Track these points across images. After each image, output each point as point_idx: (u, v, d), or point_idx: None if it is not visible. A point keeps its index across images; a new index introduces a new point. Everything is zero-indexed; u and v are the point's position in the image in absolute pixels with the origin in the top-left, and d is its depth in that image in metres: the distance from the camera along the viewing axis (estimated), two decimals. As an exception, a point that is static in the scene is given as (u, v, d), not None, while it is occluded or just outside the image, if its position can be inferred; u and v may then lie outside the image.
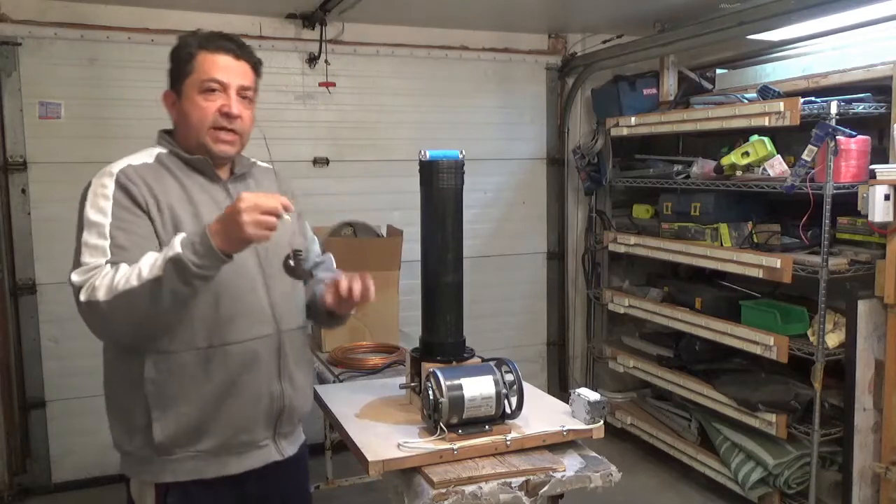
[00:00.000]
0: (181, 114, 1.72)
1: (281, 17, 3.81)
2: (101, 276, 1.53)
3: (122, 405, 1.70)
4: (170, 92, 1.74)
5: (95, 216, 1.60)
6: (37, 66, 3.43)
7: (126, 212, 1.61)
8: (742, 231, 3.38)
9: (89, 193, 1.64)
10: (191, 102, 1.69)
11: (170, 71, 1.74)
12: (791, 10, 2.97)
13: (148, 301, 1.49)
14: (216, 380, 1.66)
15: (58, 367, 3.58)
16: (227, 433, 1.69)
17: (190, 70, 1.69)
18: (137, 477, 1.73)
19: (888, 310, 2.84)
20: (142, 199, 1.62)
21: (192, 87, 1.69)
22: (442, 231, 2.06)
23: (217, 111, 1.68)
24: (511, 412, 1.93)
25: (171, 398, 1.64)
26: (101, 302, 1.50)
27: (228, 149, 1.73)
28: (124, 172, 1.65)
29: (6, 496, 3.50)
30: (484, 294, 4.19)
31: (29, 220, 3.48)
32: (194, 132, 1.70)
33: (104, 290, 1.51)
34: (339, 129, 3.99)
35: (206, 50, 1.69)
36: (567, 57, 4.46)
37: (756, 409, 3.18)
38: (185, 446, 1.67)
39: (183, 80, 1.69)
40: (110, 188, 1.62)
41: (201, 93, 1.68)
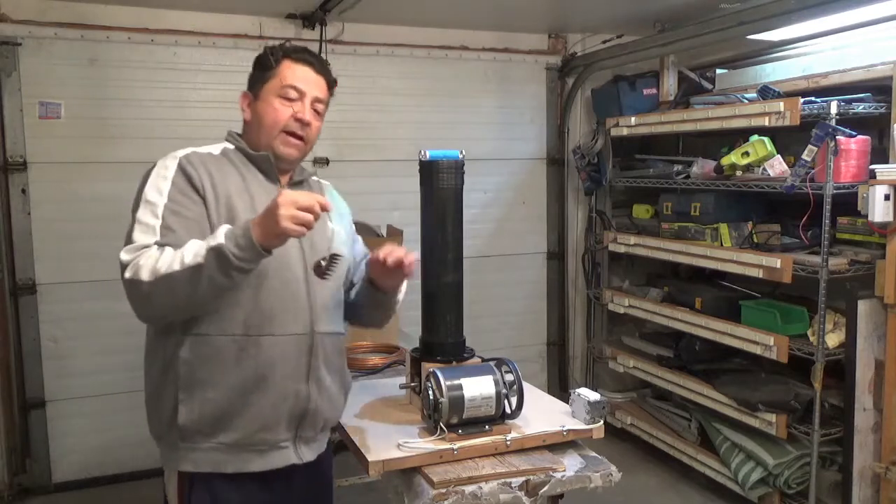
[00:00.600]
0: (255, 114, 1.79)
1: (281, 17, 3.81)
2: (146, 256, 1.56)
3: (156, 387, 1.72)
4: (248, 93, 1.82)
5: (153, 195, 1.64)
6: (37, 66, 3.43)
7: (182, 195, 1.65)
8: (742, 231, 3.38)
9: (152, 173, 1.69)
10: (267, 104, 1.77)
11: (251, 75, 1.83)
12: (791, 10, 2.97)
13: (187, 286, 1.53)
14: (246, 370, 1.67)
15: (58, 367, 3.59)
16: (250, 428, 1.69)
17: (272, 75, 1.77)
18: (166, 465, 1.75)
19: (888, 310, 2.84)
20: (199, 183, 1.67)
21: (270, 91, 1.77)
22: (442, 231, 2.06)
23: (291, 116, 1.77)
24: (511, 412, 1.93)
25: (200, 382, 1.66)
26: (144, 282, 1.53)
27: (294, 153, 1.81)
28: (188, 157, 1.71)
29: (6, 496, 3.50)
30: (484, 294, 4.19)
31: (29, 220, 3.48)
32: (266, 132, 1.77)
33: (147, 270, 1.53)
34: (339, 129, 3.99)
35: (290, 59, 1.79)
36: (567, 57, 4.46)
37: (756, 409, 3.18)
38: (208, 435, 1.68)
39: (263, 84, 1.78)
40: (172, 170, 1.67)
41: (279, 97, 1.77)
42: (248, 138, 1.82)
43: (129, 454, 3.61)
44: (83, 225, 3.56)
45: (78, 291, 3.57)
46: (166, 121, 3.62)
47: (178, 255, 1.54)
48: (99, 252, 3.54)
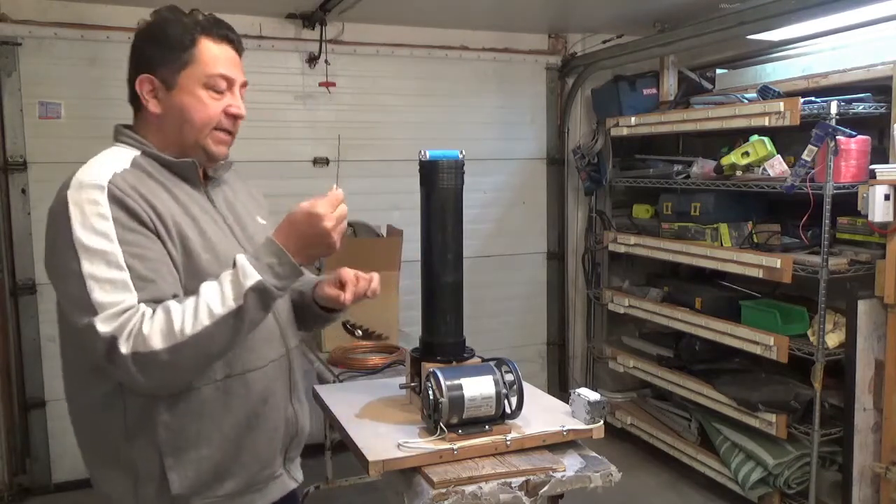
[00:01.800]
0: (173, 108, 1.46)
1: (281, 17, 3.81)
2: (145, 321, 1.29)
3: (126, 458, 1.43)
4: (152, 78, 1.46)
5: (95, 242, 1.31)
6: (37, 66, 3.43)
7: (133, 233, 1.34)
8: (742, 231, 3.38)
9: (73, 212, 1.34)
10: (193, 98, 1.45)
11: (150, 53, 1.46)
12: (791, 10, 2.97)
13: (228, 337, 1.33)
14: (237, 413, 1.48)
15: (58, 367, 3.55)
16: (251, 471, 1.53)
17: (189, 59, 1.45)
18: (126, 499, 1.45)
19: (888, 310, 2.84)
20: (145, 215, 1.37)
21: (192, 81, 1.45)
22: (442, 231, 2.06)
23: (223, 112, 1.49)
24: (511, 412, 1.93)
25: (190, 441, 1.43)
26: (159, 351, 1.27)
27: (225, 150, 1.54)
28: (115, 184, 1.38)
29: (6, 496, 3.50)
30: (484, 294, 4.19)
31: (29, 220, 3.48)
32: (195, 131, 1.47)
33: (159, 336, 1.28)
34: (339, 129, 3.98)
35: (210, 38, 1.49)
36: (567, 57, 4.46)
37: (756, 409, 3.18)
38: (205, 494, 1.47)
39: (179, 70, 1.44)
40: (105, 205, 1.35)
41: (206, 88, 1.46)
42: (157, 137, 1.50)
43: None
44: (83, 225, 3.56)
45: (78, 291, 3.57)
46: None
47: (195, 307, 1.30)
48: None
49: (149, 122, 1.52)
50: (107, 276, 1.30)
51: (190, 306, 1.31)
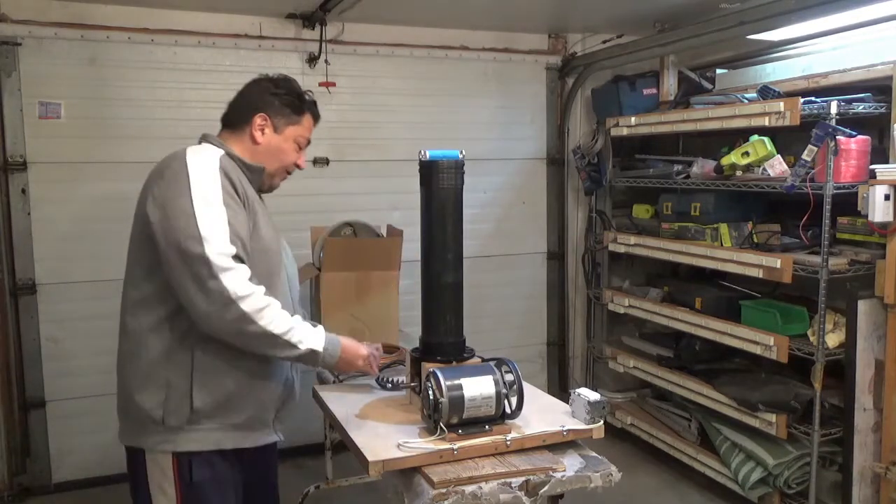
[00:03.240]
0: (270, 144, 1.97)
1: (281, 17, 3.81)
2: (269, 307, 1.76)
3: (163, 376, 1.80)
4: (267, 118, 1.96)
5: (210, 195, 1.75)
6: (37, 66, 3.42)
7: (233, 201, 1.79)
8: (742, 231, 3.38)
9: (193, 172, 1.77)
10: (287, 145, 2.00)
11: (275, 104, 1.97)
12: (791, 10, 2.97)
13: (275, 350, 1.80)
14: (252, 360, 1.85)
15: (58, 367, 3.59)
16: (253, 411, 1.89)
17: (297, 121, 2.01)
18: (157, 448, 1.82)
19: (888, 310, 2.84)
20: (241, 191, 1.83)
21: (292, 135, 2.00)
22: (442, 231, 2.06)
23: (295, 162, 2.04)
24: (511, 412, 1.93)
25: (215, 369, 1.82)
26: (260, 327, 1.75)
27: (278, 186, 2.08)
28: (224, 164, 1.83)
29: (6, 496, 3.50)
30: (484, 294, 4.19)
31: (29, 220, 3.48)
32: (276, 166, 1.99)
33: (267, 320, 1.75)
34: (339, 129, 3.99)
35: (311, 115, 2.07)
36: (567, 57, 4.46)
37: (756, 409, 3.18)
38: (216, 417, 1.83)
39: (288, 124, 1.99)
40: (218, 175, 1.79)
41: (295, 143, 2.02)
42: (246, 152, 1.95)
43: (129, 454, 3.61)
44: (83, 225, 3.56)
45: (78, 291, 3.57)
46: (166, 121, 3.62)
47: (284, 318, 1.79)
48: (99, 252, 3.54)
49: (243, 142, 1.97)
50: (218, 219, 1.73)
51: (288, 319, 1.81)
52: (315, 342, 1.85)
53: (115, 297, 2.16)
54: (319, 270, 3.11)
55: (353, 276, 3.10)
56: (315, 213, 3.68)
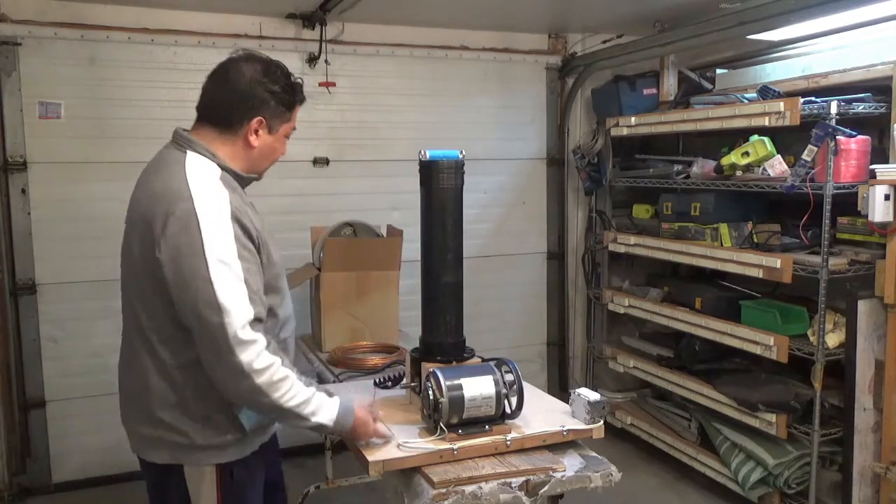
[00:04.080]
0: (266, 146, 1.85)
1: (281, 17, 3.81)
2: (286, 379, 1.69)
3: (200, 407, 1.77)
4: (264, 121, 1.83)
5: (226, 255, 1.65)
6: (37, 66, 3.42)
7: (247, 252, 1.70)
8: (742, 231, 3.38)
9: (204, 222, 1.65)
10: (279, 143, 1.89)
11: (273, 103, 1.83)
12: (791, 10, 2.97)
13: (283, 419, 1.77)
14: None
15: (58, 367, 3.59)
16: None
17: (290, 117, 1.88)
18: (200, 463, 1.80)
19: (888, 310, 2.84)
20: (253, 236, 1.73)
21: (284, 132, 1.88)
22: (442, 231, 2.06)
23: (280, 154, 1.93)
24: (511, 412, 1.93)
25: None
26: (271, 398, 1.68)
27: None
28: (237, 209, 1.71)
29: (6, 496, 3.50)
30: (484, 294, 4.19)
31: (29, 220, 3.48)
32: (266, 163, 1.90)
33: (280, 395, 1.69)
34: (339, 129, 3.99)
35: (299, 104, 1.92)
36: (567, 57, 4.46)
37: (756, 409, 3.18)
38: (262, 426, 1.86)
39: (282, 123, 1.86)
40: (231, 227, 1.68)
41: (286, 137, 1.90)
42: (233, 157, 1.82)
43: (130, 454, 3.59)
44: (83, 225, 3.56)
45: (78, 291, 3.57)
46: (166, 121, 3.58)
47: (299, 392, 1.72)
48: (99, 252, 3.54)
49: (234, 145, 1.83)
50: (235, 285, 1.64)
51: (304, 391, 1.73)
52: (326, 416, 1.77)
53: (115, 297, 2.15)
54: (319, 270, 3.11)
55: (353, 276, 3.10)
56: (315, 213, 3.68)
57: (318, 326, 3.14)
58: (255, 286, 1.69)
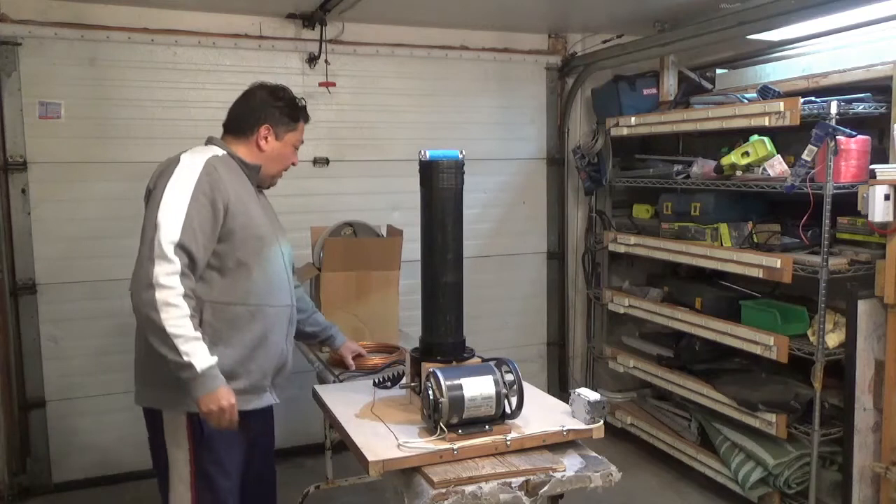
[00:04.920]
0: (272, 149, 2.23)
1: (281, 17, 3.81)
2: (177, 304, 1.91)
3: None
4: (270, 128, 2.22)
5: (182, 187, 1.99)
6: (37, 66, 3.42)
7: (203, 197, 2.00)
8: (742, 231, 3.38)
9: (179, 168, 2.03)
10: (287, 151, 2.27)
11: (277, 114, 2.22)
12: (791, 10, 2.97)
13: (160, 347, 1.92)
14: (256, 331, 2.12)
15: (58, 367, 3.59)
16: (254, 378, 2.13)
17: (294, 128, 2.26)
18: (175, 408, 2.07)
19: (888, 310, 2.84)
20: (218, 190, 2.04)
21: (290, 141, 2.27)
22: (442, 231, 2.06)
23: (291, 162, 2.32)
24: (511, 412, 1.93)
25: (221, 340, 2.05)
26: (159, 324, 1.89)
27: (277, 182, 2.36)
28: (212, 164, 2.07)
29: (6, 496, 3.50)
30: (484, 294, 4.19)
31: (29, 220, 3.47)
32: (276, 168, 2.28)
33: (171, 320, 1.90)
34: (339, 129, 3.99)
35: (304, 121, 2.30)
36: (567, 57, 4.46)
37: (756, 409, 3.18)
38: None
39: (287, 132, 2.24)
40: (199, 172, 2.02)
41: (293, 147, 2.29)
42: (249, 155, 2.21)
43: (129, 454, 3.61)
44: (83, 225, 3.56)
45: (78, 291, 3.57)
46: (166, 121, 3.62)
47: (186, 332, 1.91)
48: (99, 252, 3.54)
49: (249, 148, 2.23)
50: (175, 210, 1.95)
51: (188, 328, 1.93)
52: (201, 362, 1.92)
53: (115, 297, 2.17)
54: (319, 270, 3.11)
55: (354, 276, 3.10)
56: (315, 213, 3.68)
57: (318, 326, 3.14)
58: (197, 224, 1.97)
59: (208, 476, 2.11)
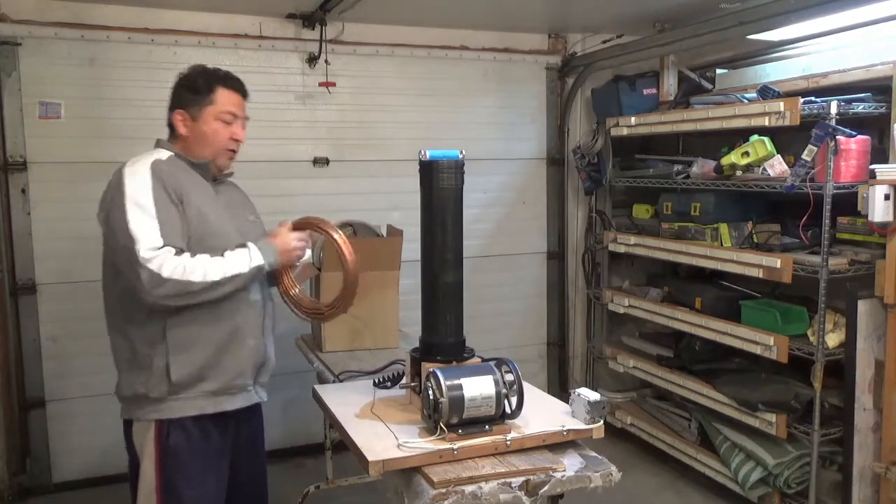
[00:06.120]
0: (196, 133, 2.11)
1: (281, 17, 3.81)
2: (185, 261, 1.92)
3: (143, 352, 2.04)
4: (183, 112, 2.11)
5: (142, 199, 1.95)
6: (37, 66, 3.43)
7: (165, 200, 1.97)
8: (742, 231, 3.38)
9: (127, 180, 1.99)
10: (209, 127, 2.11)
11: (181, 94, 2.12)
12: (791, 10, 2.97)
13: (229, 287, 1.98)
14: (224, 329, 2.06)
15: (58, 367, 3.58)
16: (227, 376, 2.08)
17: (208, 101, 2.10)
18: (144, 417, 2.06)
19: (888, 310, 2.84)
20: (173, 190, 2.00)
21: (210, 115, 2.10)
22: (442, 231, 2.06)
23: (230, 137, 2.14)
24: (511, 412, 1.93)
25: (188, 342, 2.02)
26: (196, 282, 1.92)
27: (230, 164, 2.21)
28: (157, 167, 2.02)
29: (6, 496, 3.50)
30: (484, 294, 4.19)
31: (29, 220, 3.48)
32: (211, 150, 2.12)
33: (198, 273, 1.93)
34: (339, 129, 3.99)
35: (224, 87, 2.12)
36: (567, 57, 4.46)
37: (756, 409, 3.18)
38: (195, 385, 2.04)
39: (201, 107, 2.10)
40: (149, 178, 1.98)
41: (219, 121, 2.11)
42: (187, 149, 2.13)
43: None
44: (83, 225, 3.54)
45: (78, 291, 3.56)
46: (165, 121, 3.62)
47: (221, 265, 1.97)
48: (99, 252, 3.52)
49: (181, 141, 2.14)
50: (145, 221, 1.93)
51: (219, 263, 1.98)
52: (255, 261, 2.01)
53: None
54: (319, 270, 3.10)
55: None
56: (315, 213, 3.66)
57: (319, 326, 3.14)
58: (170, 223, 1.95)
59: (173, 486, 2.06)
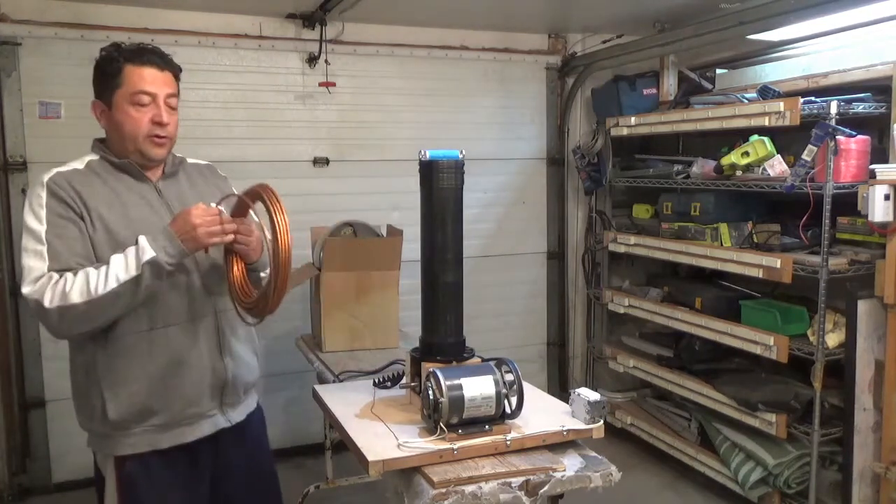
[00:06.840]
0: (113, 123, 1.86)
1: (281, 17, 3.81)
2: (61, 283, 1.71)
3: (81, 387, 1.91)
4: (98, 102, 1.87)
5: (32, 223, 1.79)
6: (37, 66, 3.43)
7: (59, 218, 1.78)
8: (742, 231, 3.38)
9: (26, 203, 1.82)
10: (123, 113, 1.83)
11: (96, 81, 1.87)
12: (791, 10, 2.97)
13: (129, 298, 1.72)
14: (160, 359, 1.85)
15: (58, 367, 3.57)
16: (176, 408, 1.88)
17: (118, 83, 1.82)
18: (100, 451, 1.93)
19: (888, 310, 2.84)
20: (73, 203, 1.79)
21: (122, 99, 1.82)
22: (442, 231, 2.06)
23: (150, 121, 1.84)
24: (511, 412, 1.93)
25: (122, 378, 1.83)
26: (79, 304, 1.69)
27: (162, 152, 1.90)
28: (54, 181, 1.81)
29: (6, 496, 3.50)
30: (484, 294, 4.19)
31: (29, 220, 3.47)
32: (130, 140, 1.85)
33: (77, 293, 1.69)
34: (339, 129, 3.99)
35: (132, 63, 1.82)
36: (567, 57, 4.46)
37: (756, 409, 3.18)
38: (139, 422, 1.86)
39: (113, 92, 1.83)
40: (43, 196, 1.79)
41: (133, 104, 1.82)
42: (113, 145, 1.90)
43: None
44: (83, 225, 3.56)
45: (78, 291, 3.57)
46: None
47: (105, 274, 1.70)
48: (99, 252, 3.54)
49: (107, 135, 1.92)
50: (33, 248, 1.77)
51: (102, 272, 1.70)
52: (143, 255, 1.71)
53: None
54: (319, 270, 3.11)
55: (353, 276, 3.10)
56: (315, 213, 3.68)
57: (319, 326, 3.14)
58: (61, 243, 1.76)
59: None
